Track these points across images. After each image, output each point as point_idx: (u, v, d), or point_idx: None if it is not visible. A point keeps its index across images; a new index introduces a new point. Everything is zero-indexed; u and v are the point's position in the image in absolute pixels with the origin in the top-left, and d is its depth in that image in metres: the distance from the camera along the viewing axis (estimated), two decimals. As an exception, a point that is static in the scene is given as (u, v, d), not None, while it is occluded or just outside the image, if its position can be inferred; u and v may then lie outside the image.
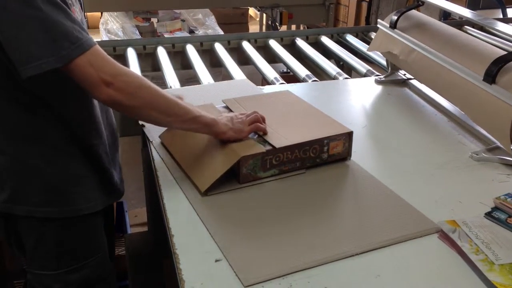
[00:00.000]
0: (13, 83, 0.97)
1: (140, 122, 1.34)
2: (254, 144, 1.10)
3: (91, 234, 1.14)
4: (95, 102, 1.09)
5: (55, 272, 1.10)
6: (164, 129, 1.26)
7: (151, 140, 1.27)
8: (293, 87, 1.71)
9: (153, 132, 1.29)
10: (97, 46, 0.94)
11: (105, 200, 1.15)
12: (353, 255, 0.89)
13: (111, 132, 1.19)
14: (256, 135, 1.15)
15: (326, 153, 1.15)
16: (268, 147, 1.09)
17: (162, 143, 1.25)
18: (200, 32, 4.37)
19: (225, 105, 1.32)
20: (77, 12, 1.00)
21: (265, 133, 1.14)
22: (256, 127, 1.13)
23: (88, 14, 5.14)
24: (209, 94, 1.49)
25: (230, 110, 1.27)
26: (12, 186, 1.04)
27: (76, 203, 1.08)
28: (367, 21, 3.40)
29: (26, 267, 1.15)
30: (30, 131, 1.02)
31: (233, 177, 1.09)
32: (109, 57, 0.96)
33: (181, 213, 1.01)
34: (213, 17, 4.53)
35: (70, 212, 1.07)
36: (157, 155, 1.21)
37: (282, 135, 1.13)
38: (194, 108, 1.07)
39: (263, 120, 1.17)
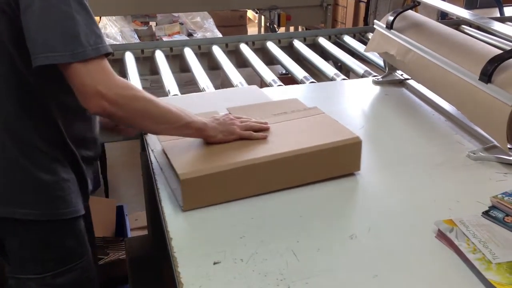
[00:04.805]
0: (16, 75, 0.98)
1: None
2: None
3: (76, 237, 1.13)
4: None
5: (40, 276, 1.09)
6: None
7: (148, 143, 1.27)
8: (291, 89, 1.72)
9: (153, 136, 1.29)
10: (105, 60, 0.96)
11: (85, 206, 1.15)
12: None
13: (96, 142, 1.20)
14: None
15: None
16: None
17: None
18: (198, 35, 4.38)
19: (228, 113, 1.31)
20: None
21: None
22: (249, 135, 1.14)
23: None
24: (215, 102, 1.46)
25: None
26: None
27: (61, 207, 1.08)
28: (366, 22, 3.41)
29: (8, 272, 1.13)
30: (22, 127, 1.02)
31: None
32: (110, 68, 0.96)
33: (180, 216, 1.01)
34: (211, 20, 4.54)
35: (56, 215, 1.07)
36: (154, 159, 1.21)
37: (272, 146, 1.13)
38: (186, 114, 1.08)
39: (264, 130, 1.17)
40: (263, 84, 2.02)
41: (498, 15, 3.46)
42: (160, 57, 2.25)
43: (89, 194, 1.20)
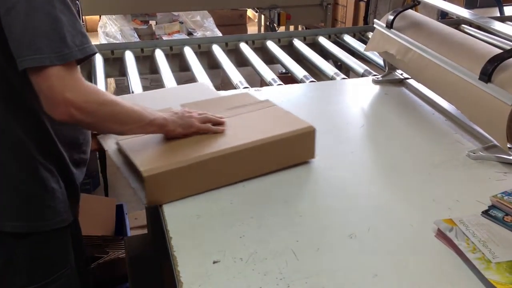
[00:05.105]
0: (2, 77, 0.96)
1: None
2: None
3: (63, 246, 1.12)
4: None
5: None
6: None
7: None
8: (290, 88, 1.72)
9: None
10: (76, 65, 0.93)
11: (73, 212, 1.13)
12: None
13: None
14: None
15: None
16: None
17: None
18: (198, 34, 4.38)
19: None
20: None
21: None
22: (207, 128, 1.14)
23: (87, 17, 5.15)
24: (168, 99, 1.44)
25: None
26: None
27: (49, 217, 1.06)
28: (366, 21, 3.41)
29: None
30: (10, 130, 1.00)
31: None
32: (79, 73, 0.94)
33: (179, 215, 1.01)
34: (211, 19, 4.54)
35: (45, 226, 1.05)
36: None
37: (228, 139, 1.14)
38: (148, 111, 1.07)
39: (221, 124, 1.17)
40: (263, 83, 2.02)
41: (498, 14, 3.46)
42: (160, 56, 2.25)
43: (79, 198, 1.18)
